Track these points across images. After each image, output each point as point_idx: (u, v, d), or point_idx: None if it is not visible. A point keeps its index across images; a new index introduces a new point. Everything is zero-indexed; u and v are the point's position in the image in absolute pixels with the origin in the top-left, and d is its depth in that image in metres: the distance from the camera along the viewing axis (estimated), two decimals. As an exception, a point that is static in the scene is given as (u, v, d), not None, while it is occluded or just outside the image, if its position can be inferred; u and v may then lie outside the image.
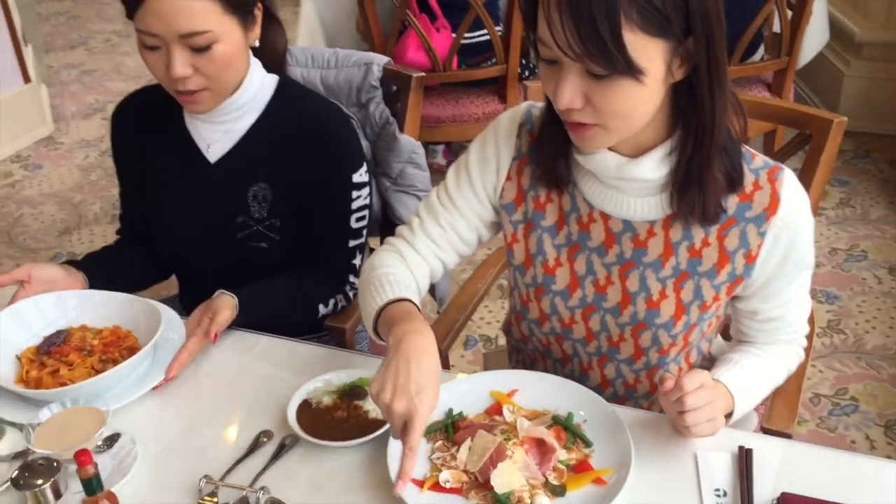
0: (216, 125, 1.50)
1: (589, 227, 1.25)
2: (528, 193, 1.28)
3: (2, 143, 3.85)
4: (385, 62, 1.81)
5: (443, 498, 1.11)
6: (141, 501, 1.14)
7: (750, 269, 1.21)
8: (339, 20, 3.14)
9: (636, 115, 1.09)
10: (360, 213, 1.55)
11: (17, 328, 1.36)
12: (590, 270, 1.26)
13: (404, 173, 1.82)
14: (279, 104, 1.51)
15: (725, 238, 1.19)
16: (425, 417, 1.07)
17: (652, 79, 1.04)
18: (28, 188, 3.65)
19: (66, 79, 4.65)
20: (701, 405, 1.12)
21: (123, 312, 1.40)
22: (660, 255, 1.22)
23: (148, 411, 1.29)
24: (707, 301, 1.24)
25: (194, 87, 1.39)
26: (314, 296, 1.54)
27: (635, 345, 1.28)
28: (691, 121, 1.11)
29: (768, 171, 1.18)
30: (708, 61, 1.06)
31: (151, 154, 1.57)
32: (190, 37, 1.33)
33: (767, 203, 1.17)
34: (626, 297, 1.25)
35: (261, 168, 1.50)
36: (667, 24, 1.01)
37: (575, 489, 1.11)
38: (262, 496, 1.10)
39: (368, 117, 1.81)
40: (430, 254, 1.35)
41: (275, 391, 1.30)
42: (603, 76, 1.03)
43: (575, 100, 1.06)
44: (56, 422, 1.17)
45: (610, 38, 0.99)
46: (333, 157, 1.50)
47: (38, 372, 1.29)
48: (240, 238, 1.52)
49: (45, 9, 5.65)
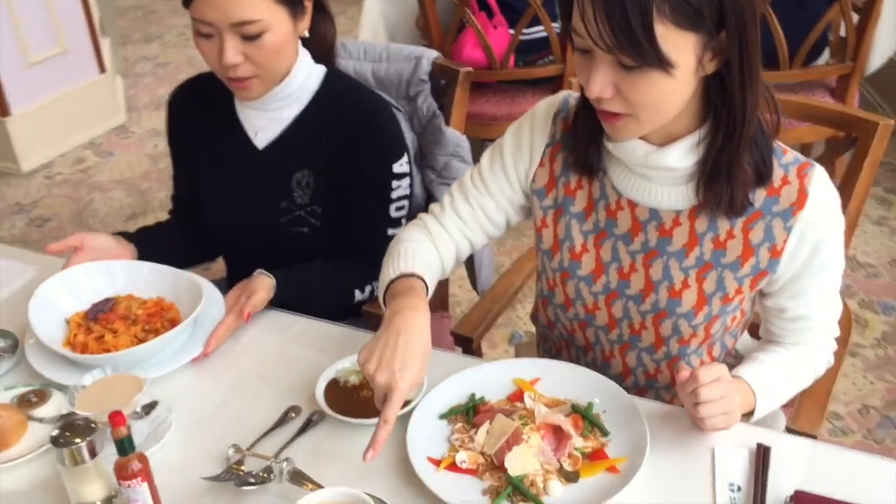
0: (265, 113, 1.56)
1: (616, 215, 1.27)
2: (560, 179, 1.31)
3: (77, 130, 4.01)
4: (434, 56, 1.85)
5: (458, 477, 1.14)
6: (173, 466, 1.19)
7: (775, 263, 1.20)
8: (401, 17, 3.19)
9: (666, 105, 1.10)
10: (400, 203, 1.59)
11: (67, 293, 1.43)
12: (615, 257, 1.28)
13: (449, 166, 1.85)
14: (325, 94, 1.56)
15: (751, 231, 1.20)
16: (404, 392, 1.10)
17: (682, 71, 1.06)
18: (99, 174, 3.80)
19: (141, 70, 4.81)
20: (715, 398, 1.13)
21: (168, 285, 1.46)
22: (684, 245, 1.23)
23: (185, 382, 1.34)
24: (729, 293, 1.24)
25: (245, 75, 1.44)
26: (350, 281, 1.59)
27: (656, 333, 1.29)
28: (722, 114, 1.12)
29: (798, 167, 1.18)
30: (740, 56, 1.07)
31: (203, 139, 1.63)
32: (242, 25, 1.39)
33: (795, 198, 1.17)
34: (649, 285, 1.26)
35: (304, 155, 1.55)
36: (699, 18, 1.02)
37: (588, 476, 1.13)
38: (285, 466, 1.15)
39: (416, 110, 1.85)
40: (456, 231, 1.39)
41: (306, 369, 1.34)
42: (633, 67, 1.05)
43: (605, 90, 1.08)
44: (97, 386, 1.23)
45: (641, 30, 1.01)
46: (374, 146, 1.54)
47: (84, 337, 1.36)
48: (283, 222, 1.58)
49: (123, 3, 5.85)
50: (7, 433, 1.22)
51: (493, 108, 2.94)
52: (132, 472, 1.08)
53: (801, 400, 1.36)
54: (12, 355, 1.39)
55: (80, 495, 1.12)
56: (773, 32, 2.60)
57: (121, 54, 4.88)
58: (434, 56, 1.84)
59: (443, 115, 1.83)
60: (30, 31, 3.68)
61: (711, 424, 1.15)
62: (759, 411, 1.22)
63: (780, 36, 2.61)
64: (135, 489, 1.09)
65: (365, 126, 1.54)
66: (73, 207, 3.54)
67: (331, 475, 1.15)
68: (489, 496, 1.11)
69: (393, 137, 1.57)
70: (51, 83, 3.85)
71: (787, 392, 1.28)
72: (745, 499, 1.10)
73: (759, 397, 1.21)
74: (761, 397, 1.21)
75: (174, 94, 1.68)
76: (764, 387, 1.22)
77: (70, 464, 1.10)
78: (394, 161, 1.56)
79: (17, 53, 3.66)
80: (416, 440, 1.18)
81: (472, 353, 1.58)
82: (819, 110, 1.52)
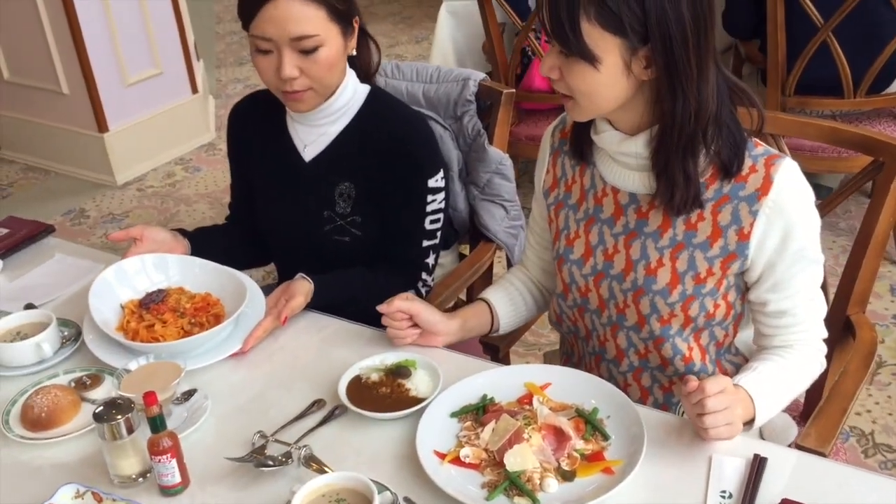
0: (313, 128, 1.67)
1: (602, 201, 1.39)
2: (561, 180, 1.47)
3: (168, 146, 4.25)
4: (481, 78, 1.93)
5: (460, 471, 1.21)
6: (204, 447, 1.30)
7: (744, 247, 1.28)
8: (470, 43, 3.30)
9: (598, 97, 1.24)
10: (435, 216, 1.67)
11: (124, 282, 1.57)
12: (601, 240, 1.40)
13: (491, 183, 1.93)
14: (369, 111, 1.67)
15: (719, 214, 1.29)
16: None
17: (608, 68, 1.20)
18: (186, 188, 4.02)
19: (232, 92, 5.06)
20: (720, 409, 1.17)
21: (216, 281, 1.58)
22: (659, 226, 1.34)
23: (223, 373, 1.45)
24: (701, 273, 1.32)
25: (300, 88, 1.56)
26: (387, 288, 1.67)
27: (637, 311, 1.37)
28: (658, 118, 1.25)
29: (766, 158, 1.26)
30: (668, 71, 1.19)
31: (256, 150, 1.76)
32: (300, 40, 1.51)
33: (760, 184, 1.26)
34: (629, 264, 1.37)
35: (347, 168, 1.66)
36: (620, 26, 1.17)
37: (584, 476, 1.18)
38: (303, 452, 1.24)
39: (462, 129, 1.93)
40: (533, 257, 1.62)
41: (335, 366, 1.43)
42: (568, 55, 1.21)
43: (552, 71, 1.25)
44: (141, 371, 1.35)
45: (568, 24, 1.17)
46: (411, 161, 1.63)
47: (136, 324, 1.49)
48: (326, 231, 1.68)
49: (222, 28, 6.15)
50: (61, 411, 1.35)
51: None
52: (163, 448, 1.19)
53: (814, 417, 1.37)
54: (74, 343, 1.53)
55: (118, 468, 1.24)
56: (836, 59, 2.59)
57: (215, 76, 5.15)
58: (480, 78, 1.93)
59: (487, 134, 1.91)
60: (128, 54, 3.94)
61: (715, 434, 1.19)
62: (759, 419, 1.26)
63: (844, 63, 2.59)
64: (165, 464, 1.20)
65: (402, 141, 1.63)
66: (160, 218, 3.76)
67: (345, 463, 1.24)
68: (487, 489, 1.17)
69: (429, 153, 1.66)
70: (146, 102, 4.10)
71: (784, 398, 1.31)
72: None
73: (757, 405, 1.25)
74: (760, 405, 1.25)
75: (234, 110, 1.81)
76: (762, 394, 1.25)
77: (109, 438, 1.21)
78: (430, 176, 1.65)
79: (116, 74, 3.92)
80: (426, 434, 1.25)
81: (499, 362, 1.65)
82: (845, 134, 1.54)
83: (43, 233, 1.89)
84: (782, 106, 2.75)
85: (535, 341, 2.78)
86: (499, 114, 1.90)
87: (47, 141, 4.17)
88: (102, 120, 3.93)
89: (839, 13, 2.50)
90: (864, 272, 1.54)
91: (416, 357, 1.40)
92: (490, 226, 1.94)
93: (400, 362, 1.39)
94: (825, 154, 2.74)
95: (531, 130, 3.05)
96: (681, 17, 1.16)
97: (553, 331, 2.81)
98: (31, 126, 4.18)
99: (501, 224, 1.96)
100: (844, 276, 1.57)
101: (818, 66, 2.63)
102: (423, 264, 1.70)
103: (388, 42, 5.74)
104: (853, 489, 1.16)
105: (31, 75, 3.99)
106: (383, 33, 5.88)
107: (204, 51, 4.63)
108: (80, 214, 3.84)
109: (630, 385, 1.46)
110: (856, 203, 3.25)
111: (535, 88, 2.99)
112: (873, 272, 1.55)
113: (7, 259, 1.80)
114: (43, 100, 4.03)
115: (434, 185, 1.66)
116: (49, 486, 1.20)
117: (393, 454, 1.26)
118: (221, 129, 4.59)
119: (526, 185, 3.63)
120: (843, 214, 3.24)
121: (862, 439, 2.32)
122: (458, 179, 1.95)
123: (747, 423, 1.25)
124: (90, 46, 3.75)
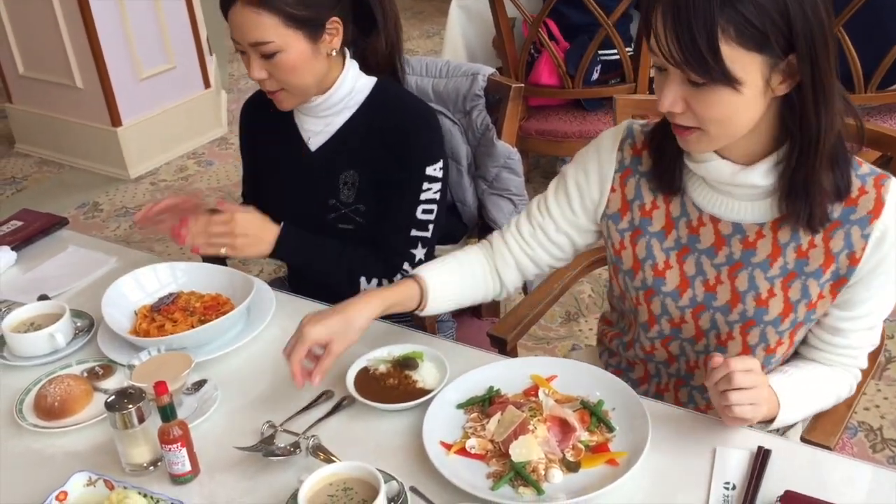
0: (318, 119, 1.70)
1: (699, 231, 1.31)
2: (633, 203, 1.36)
3: (181, 140, 4.28)
4: (490, 73, 1.94)
5: (466, 462, 1.22)
6: (214, 436, 1.32)
7: (853, 271, 1.24)
8: (480, 39, 3.31)
9: (734, 122, 1.16)
10: (428, 206, 1.67)
11: (137, 288, 1.60)
12: (699, 271, 1.32)
13: (499, 177, 1.94)
14: (372, 102, 1.69)
15: (831, 240, 1.24)
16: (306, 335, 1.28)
17: (749, 89, 1.12)
18: (198, 182, 4.05)
19: (244, 86, 5.07)
20: (748, 386, 1.16)
21: (225, 282, 1.61)
22: (768, 256, 1.27)
23: (234, 364, 1.47)
24: (813, 299, 1.28)
25: (271, 88, 1.60)
26: (359, 266, 1.67)
27: (743, 342, 1.32)
28: (796, 135, 1.17)
29: (875, 178, 1.22)
30: (812, 79, 1.12)
31: (266, 141, 1.79)
32: (257, 45, 1.54)
33: (872, 206, 1.21)
34: (736, 296, 1.30)
35: (351, 157, 1.68)
36: (764, 41, 1.09)
37: (588, 467, 1.20)
38: (311, 442, 1.25)
39: (471, 123, 1.94)
40: (518, 249, 1.47)
41: (343, 358, 1.43)
42: (701, 84, 1.12)
43: (675, 104, 1.16)
44: (152, 362, 1.37)
45: (707, 49, 1.08)
46: (409, 147, 1.65)
47: (148, 325, 1.51)
48: (331, 219, 1.70)
49: (235, 23, 6.18)
50: (73, 401, 1.37)
51: (566, 125, 3.02)
52: (173, 437, 1.21)
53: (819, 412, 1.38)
54: (87, 334, 1.55)
55: (130, 456, 1.26)
56: (846, 54, 2.58)
57: (227, 71, 5.17)
58: (489, 72, 1.93)
59: (496, 128, 1.92)
60: (142, 49, 3.97)
61: (740, 412, 1.16)
62: (780, 420, 1.24)
63: (854, 58, 2.59)
64: (175, 453, 1.22)
65: (406, 129, 1.65)
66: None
67: (352, 452, 1.25)
68: (492, 479, 1.19)
69: (429, 142, 1.67)
70: (159, 97, 4.13)
71: (809, 407, 1.30)
72: (738, 497, 1.14)
73: (783, 406, 1.23)
74: (785, 406, 1.23)
75: (246, 103, 1.84)
76: (789, 397, 1.24)
77: (121, 427, 1.23)
78: (428, 163, 1.65)
79: (129, 69, 3.95)
80: (432, 425, 1.27)
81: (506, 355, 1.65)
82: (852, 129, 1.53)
83: (56, 226, 1.91)
84: (793, 101, 2.74)
85: (544, 335, 2.79)
86: (507, 108, 1.91)
87: (61, 135, 4.20)
88: (116, 114, 3.96)
89: (849, 8, 2.49)
90: (872, 267, 1.53)
91: (423, 349, 1.41)
92: (498, 220, 1.95)
93: (407, 354, 1.40)
94: (836, 149, 2.73)
95: (541, 125, 3.06)
96: (821, 21, 1.10)
97: (562, 325, 2.83)
98: (45, 120, 4.22)
99: (510, 218, 1.96)
100: (852, 271, 1.56)
101: (829, 61, 2.62)
102: (407, 254, 1.68)
103: (399, 37, 5.74)
104: (857, 482, 1.17)
105: (46, 70, 4.03)
106: (395, 28, 5.89)
107: (216, 46, 4.66)
108: (93, 208, 3.87)
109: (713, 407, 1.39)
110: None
111: (542, 83, 3.00)
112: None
113: (21, 251, 1.83)
114: (57, 94, 4.07)
115: (431, 173, 1.66)
116: (62, 474, 1.22)
117: (399, 445, 1.28)
118: (233, 123, 4.61)
119: (536, 180, 3.65)
120: (855, 210, 3.22)
121: (870, 434, 2.32)
122: (467, 174, 1.96)
123: (766, 422, 1.24)
124: (104, 41, 3.79)
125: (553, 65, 2.93)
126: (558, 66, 2.89)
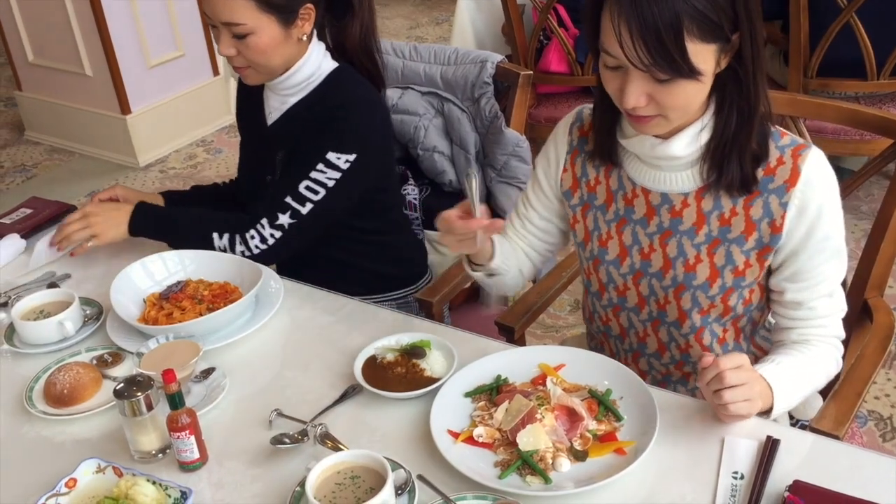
0: (279, 97, 1.73)
1: (633, 202, 1.39)
2: (582, 179, 1.45)
3: (190, 128, 4.28)
4: (499, 60, 1.93)
5: (474, 450, 1.22)
6: (222, 424, 1.32)
7: (777, 239, 1.30)
8: (489, 26, 3.29)
9: (692, 105, 1.25)
10: (314, 186, 1.63)
11: (145, 276, 1.60)
12: (635, 240, 1.40)
13: (508, 165, 1.93)
14: (325, 87, 1.70)
15: (751, 208, 1.30)
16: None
17: (706, 76, 1.21)
18: (207, 169, 4.05)
19: (253, 74, 5.09)
20: (738, 383, 1.17)
21: (233, 270, 1.61)
22: (693, 224, 1.34)
23: (243, 352, 1.48)
24: (738, 266, 1.33)
25: (240, 65, 1.65)
26: (212, 224, 1.66)
27: (678, 307, 1.39)
28: (735, 101, 1.25)
29: (793, 149, 1.28)
30: (752, 50, 1.21)
31: (244, 115, 1.85)
32: (229, 25, 1.57)
33: (788, 175, 1.27)
34: (668, 262, 1.37)
35: (289, 137, 1.71)
36: (719, 30, 1.18)
37: (596, 456, 1.19)
38: (319, 430, 1.26)
39: (479, 111, 1.94)
40: (517, 239, 1.55)
41: (350, 346, 1.45)
42: (667, 80, 1.19)
43: (640, 100, 1.22)
44: (160, 350, 1.37)
45: (676, 50, 1.15)
46: (325, 129, 1.65)
47: (156, 313, 1.51)
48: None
49: (244, 10, 6.17)
50: (82, 388, 1.38)
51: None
52: (182, 424, 1.21)
53: (828, 401, 1.37)
54: (96, 322, 1.55)
55: (138, 444, 1.26)
56: (859, 41, 2.56)
57: (236, 58, 5.16)
58: (498, 60, 1.93)
59: (504, 116, 1.91)
60: (151, 37, 3.97)
61: (735, 410, 1.18)
62: (777, 408, 1.25)
63: (868, 45, 2.57)
64: (183, 440, 1.22)
65: (330, 111, 1.66)
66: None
67: (360, 441, 1.26)
68: (500, 468, 1.19)
69: (346, 131, 1.64)
70: (168, 84, 4.13)
71: (802, 390, 1.30)
72: (746, 486, 1.14)
73: (776, 393, 1.24)
74: (779, 394, 1.24)
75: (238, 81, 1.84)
76: (781, 384, 1.25)
77: (130, 414, 1.24)
78: (332, 150, 1.63)
79: (138, 57, 3.95)
80: (440, 414, 1.26)
81: (514, 343, 1.65)
82: (865, 116, 1.53)
83: (65, 213, 1.92)
84: (804, 88, 2.73)
85: (553, 323, 2.79)
86: (516, 96, 1.90)
87: (71, 123, 4.21)
88: (125, 102, 3.96)
89: (863, -6, 2.47)
90: (882, 256, 1.53)
91: (431, 337, 1.41)
92: (507, 208, 1.94)
93: (415, 343, 1.40)
94: (848, 137, 2.71)
95: (550, 112, 3.04)
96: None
97: (570, 313, 2.83)
98: (55, 108, 4.22)
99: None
100: (863, 260, 1.56)
101: (841, 48, 2.61)
102: (271, 214, 1.63)
103: (408, 24, 5.73)
104: (866, 471, 1.16)
105: (55, 58, 4.03)
106: (404, 15, 5.88)
107: (225, 33, 4.65)
108: (103, 196, 3.88)
109: (672, 374, 1.47)
110: (879, 186, 3.22)
111: (551, 71, 2.99)
112: (891, 256, 1.54)
113: (30, 239, 1.83)
114: (67, 82, 4.07)
115: (332, 159, 1.63)
116: (71, 461, 1.22)
117: (407, 433, 1.28)
118: (242, 111, 4.60)
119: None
120: (866, 198, 3.21)
121: (880, 423, 2.31)
122: (475, 162, 1.95)
123: (764, 413, 1.24)
124: (113, 29, 3.78)
125: (562, 52, 2.91)
126: (568, 54, 2.88)
